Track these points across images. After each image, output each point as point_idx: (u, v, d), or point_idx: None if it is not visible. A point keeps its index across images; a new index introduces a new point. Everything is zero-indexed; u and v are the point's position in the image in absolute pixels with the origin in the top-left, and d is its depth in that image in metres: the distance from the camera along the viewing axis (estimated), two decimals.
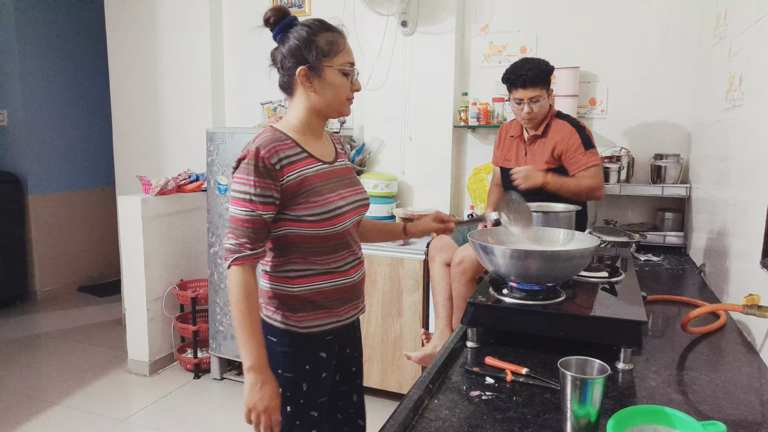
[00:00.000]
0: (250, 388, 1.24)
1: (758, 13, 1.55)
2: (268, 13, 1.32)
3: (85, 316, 4.23)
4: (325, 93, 1.32)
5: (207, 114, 3.57)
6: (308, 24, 1.31)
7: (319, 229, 1.29)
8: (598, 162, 2.21)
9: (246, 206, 1.23)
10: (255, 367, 1.24)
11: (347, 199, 1.36)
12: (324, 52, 1.29)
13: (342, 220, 1.33)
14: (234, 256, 1.23)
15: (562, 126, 2.24)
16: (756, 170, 1.48)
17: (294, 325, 1.34)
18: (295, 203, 1.27)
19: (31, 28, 4.44)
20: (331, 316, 1.37)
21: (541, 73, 2.20)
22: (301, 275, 1.33)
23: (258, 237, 1.25)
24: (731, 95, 1.82)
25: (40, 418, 2.73)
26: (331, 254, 1.34)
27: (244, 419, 1.27)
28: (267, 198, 1.24)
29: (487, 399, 1.09)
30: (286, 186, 1.26)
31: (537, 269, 1.31)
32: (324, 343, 1.38)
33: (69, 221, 4.85)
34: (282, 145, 1.28)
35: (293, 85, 1.33)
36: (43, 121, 4.60)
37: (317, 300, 1.34)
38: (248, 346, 1.25)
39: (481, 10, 3.03)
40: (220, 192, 2.97)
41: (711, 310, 1.41)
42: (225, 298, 3.03)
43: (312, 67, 1.29)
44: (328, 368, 1.41)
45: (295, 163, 1.28)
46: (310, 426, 1.39)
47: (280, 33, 1.32)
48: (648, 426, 0.88)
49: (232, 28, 3.58)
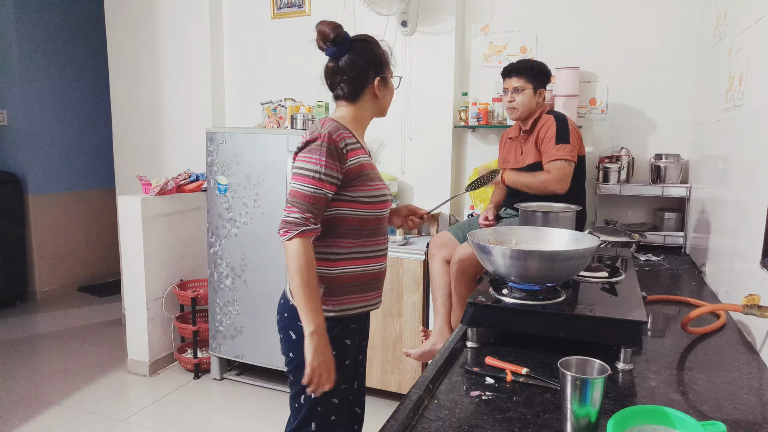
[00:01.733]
0: (314, 351, 1.35)
1: (758, 13, 1.55)
2: (330, 32, 1.42)
3: (85, 316, 4.23)
4: (387, 98, 1.53)
5: (207, 114, 3.57)
6: (368, 39, 1.50)
7: (372, 211, 1.44)
8: (565, 157, 2.17)
9: (314, 183, 1.35)
10: (318, 330, 1.35)
11: (385, 189, 1.51)
12: (386, 64, 1.51)
13: (387, 205, 1.51)
14: (300, 228, 1.33)
15: (546, 119, 2.28)
16: (756, 170, 1.48)
17: (327, 309, 1.44)
18: (354, 185, 1.41)
19: (31, 27, 4.44)
20: (359, 301, 1.48)
21: (529, 67, 2.29)
22: (340, 258, 1.45)
23: (319, 213, 1.37)
24: (731, 95, 1.82)
25: (40, 418, 2.73)
26: (368, 239, 1.47)
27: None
28: (332, 178, 1.37)
29: (487, 399, 1.09)
30: (348, 169, 1.40)
31: (537, 269, 1.31)
32: (349, 330, 1.49)
33: (69, 221, 4.84)
34: (346, 133, 1.43)
35: (359, 92, 1.49)
36: (43, 121, 4.59)
37: (352, 283, 1.46)
38: (312, 312, 1.35)
39: (481, 10, 3.03)
40: (220, 192, 2.97)
41: (711, 310, 1.41)
42: (225, 299, 3.03)
43: (383, 78, 1.50)
44: (350, 356, 1.51)
45: (356, 150, 1.43)
46: (331, 413, 1.47)
47: (344, 47, 1.45)
48: (648, 426, 0.88)
49: (232, 27, 3.58)
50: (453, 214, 3.13)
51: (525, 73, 2.28)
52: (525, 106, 2.29)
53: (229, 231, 2.97)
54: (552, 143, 2.20)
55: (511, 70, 2.31)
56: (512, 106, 2.30)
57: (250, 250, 2.93)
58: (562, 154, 2.17)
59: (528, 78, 2.28)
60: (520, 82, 2.28)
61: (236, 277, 2.98)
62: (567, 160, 2.18)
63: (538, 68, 2.31)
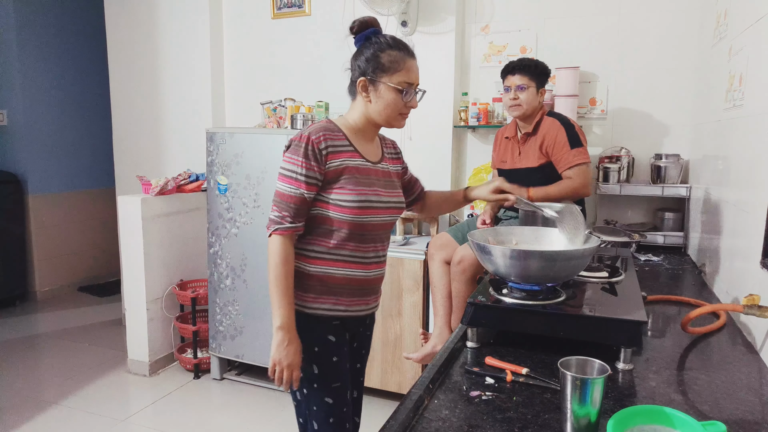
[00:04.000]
0: (278, 345, 1.36)
1: (758, 13, 1.55)
2: (355, 23, 1.47)
3: (85, 316, 4.23)
4: (378, 105, 1.45)
5: (207, 114, 3.57)
6: (380, 41, 1.45)
7: (346, 216, 1.39)
8: (584, 161, 2.20)
9: (291, 183, 1.37)
10: (284, 326, 1.36)
11: (381, 197, 1.46)
12: (384, 69, 1.43)
13: (369, 213, 1.43)
14: (276, 226, 1.37)
15: (551, 123, 2.27)
16: (756, 170, 1.48)
17: (302, 305, 1.44)
18: (333, 188, 1.40)
19: (31, 28, 4.44)
20: (338, 304, 1.45)
21: (532, 66, 2.28)
22: (319, 256, 1.43)
23: (298, 212, 1.38)
24: (731, 95, 1.82)
25: (40, 418, 2.73)
26: (353, 244, 1.43)
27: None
28: (311, 179, 1.37)
29: (487, 399, 1.09)
30: (328, 171, 1.39)
31: (537, 269, 1.31)
32: (332, 327, 1.46)
33: (69, 221, 4.84)
34: (331, 135, 1.41)
35: (355, 90, 1.48)
36: (43, 121, 4.60)
37: (328, 284, 1.44)
38: (281, 307, 1.37)
39: (481, 10, 3.03)
40: (220, 192, 2.97)
41: (711, 310, 1.41)
42: (224, 299, 3.03)
43: (371, 80, 1.43)
44: (338, 353, 1.47)
45: (341, 152, 1.41)
46: (327, 413, 1.45)
47: (359, 42, 1.47)
48: (648, 426, 0.88)
49: (232, 27, 3.58)
50: (453, 215, 3.13)
51: (528, 71, 2.27)
52: (529, 104, 2.27)
53: (229, 231, 2.97)
54: (567, 149, 2.20)
55: (513, 68, 2.29)
56: (516, 103, 2.28)
57: (250, 250, 2.93)
58: (580, 158, 2.20)
59: (531, 76, 2.27)
60: (523, 80, 2.26)
61: (236, 277, 2.98)
62: (586, 163, 2.21)
63: (541, 67, 2.30)
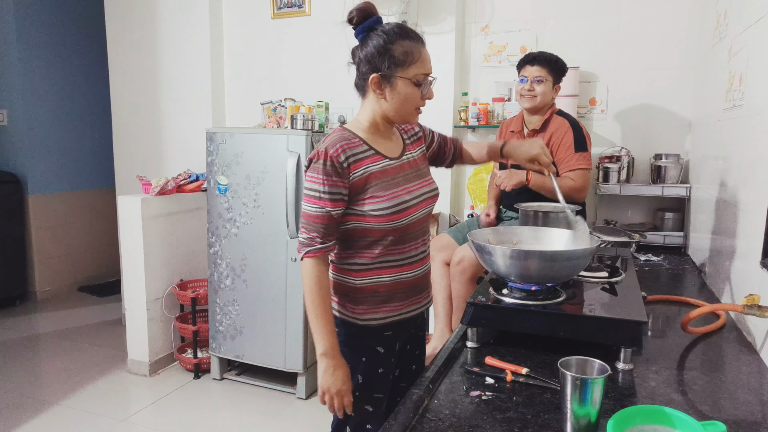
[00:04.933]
0: (324, 372, 1.31)
1: (758, 13, 1.55)
2: (353, 13, 1.34)
3: (85, 316, 4.22)
4: (394, 101, 1.34)
5: (207, 114, 3.57)
6: (387, 31, 1.33)
7: (385, 224, 1.33)
8: (586, 166, 2.20)
9: (316, 203, 1.30)
10: (327, 352, 1.30)
11: (413, 192, 1.39)
12: (398, 62, 1.31)
13: (407, 214, 1.36)
14: (306, 249, 1.31)
15: (561, 123, 2.26)
16: (756, 170, 1.48)
17: (353, 317, 1.40)
18: (362, 199, 1.33)
19: (31, 27, 4.44)
20: (391, 310, 1.41)
21: (553, 59, 2.26)
22: (364, 268, 1.38)
23: (327, 231, 1.31)
24: (731, 95, 1.82)
25: (40, 418, 2.72)
26: (395, 248, 1.38)
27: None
28: (335, 195, 1.30)
29: (487, 399, 1.09)
30: (353, 182, 1.31)
31: (537, 269, 1.31)
32: (383, 338, 1.42)
33: (69, 221, 4.84)
34: (349, 144, 1.32)
35: (366, 88, 1.36)
36: (43, 121, 4.59)
37: (379, 293, 1.39)
38: (321, 333, 1.31)
39: (481, 10, 3.03)
40: (220, 192, 2.97)
41: (711, 310, 1.41)
42: (225, 299, 3.03)
43: (384, 76, 1.32)
44: (385, 364, 1.44)
45: (362, 160, 1.33)
46: (366, 420, 1.42)
47: (361, 33, 1.35)
48: (648, 426, 0.88)
49: (232, 27, 3.58)
50: (453, 215, 3.13)
51: (548, 64, 2.24)
52: (544, 97, 2.25)
53: (229, 231, 2.97)
54: (571, 151, 2.20)
55: (533, 59, 2.25)
56: (532, 94, 2.24)
57: (250, 250, 2.93)
58: (583, 163, 2.19)
59: (549, 69, 2.24)
60: (542, 72, 2.23)
61: (236, 277, 2.98)
62: (588, 169, 2.21)
63: (560, 63, 2.28)
